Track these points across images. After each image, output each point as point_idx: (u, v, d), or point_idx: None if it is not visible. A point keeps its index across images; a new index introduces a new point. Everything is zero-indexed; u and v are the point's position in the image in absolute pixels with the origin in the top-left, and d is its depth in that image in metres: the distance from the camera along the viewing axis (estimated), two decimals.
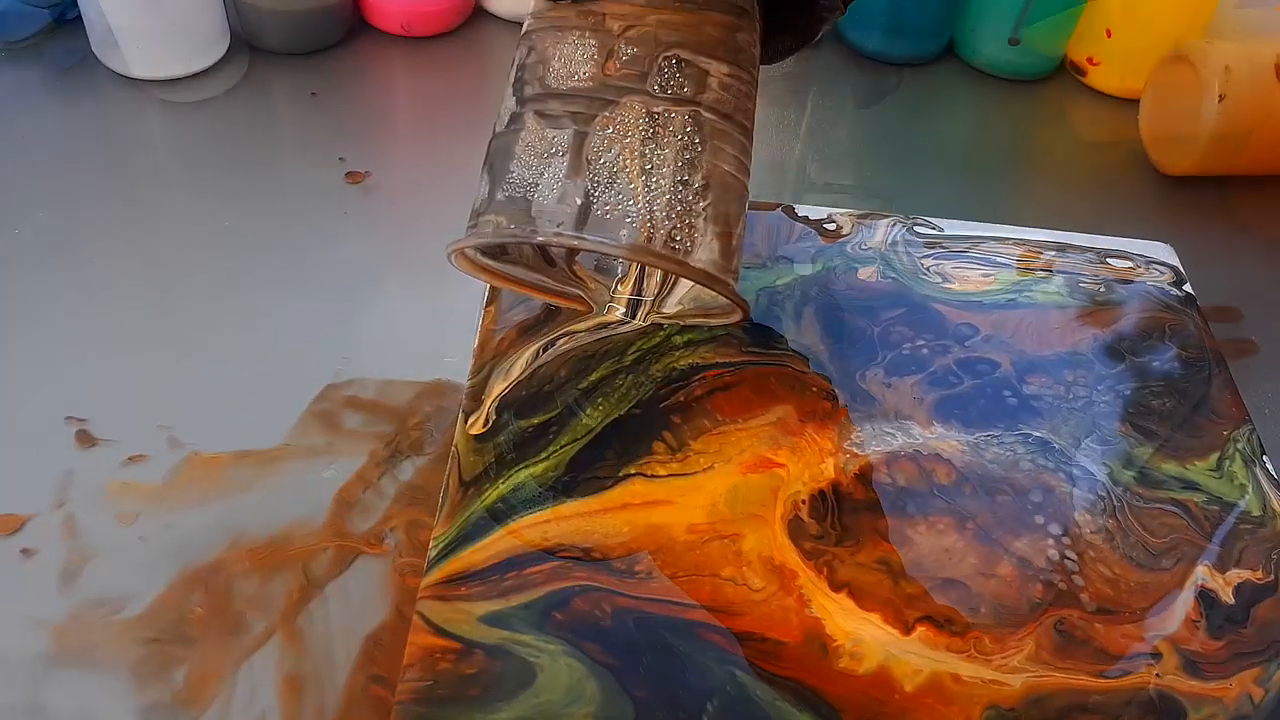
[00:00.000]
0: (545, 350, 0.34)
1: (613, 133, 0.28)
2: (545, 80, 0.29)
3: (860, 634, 0.28)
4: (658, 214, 0.28)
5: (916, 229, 0.40)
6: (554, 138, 0.28)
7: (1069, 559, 0.30)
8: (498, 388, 0.33)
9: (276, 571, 0.32)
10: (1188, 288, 0.39)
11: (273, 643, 0.30)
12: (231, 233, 0.42)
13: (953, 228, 0.40)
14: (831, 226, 0.40)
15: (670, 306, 0.36)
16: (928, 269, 0.38)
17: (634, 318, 0.36)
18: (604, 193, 0.28)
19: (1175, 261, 0.40)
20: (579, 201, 0.28)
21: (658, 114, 0.28)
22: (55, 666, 0.29)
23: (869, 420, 0.33)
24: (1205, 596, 0.30)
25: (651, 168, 0.28)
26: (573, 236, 0.27)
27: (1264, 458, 0.34)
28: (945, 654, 0.28)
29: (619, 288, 0.36)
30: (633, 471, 0.31)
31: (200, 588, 0.31)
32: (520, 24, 0.55)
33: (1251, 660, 0.29)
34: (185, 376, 0.37)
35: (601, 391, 0.33)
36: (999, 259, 0.39)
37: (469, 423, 0.32)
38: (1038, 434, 0.33)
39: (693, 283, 0.34)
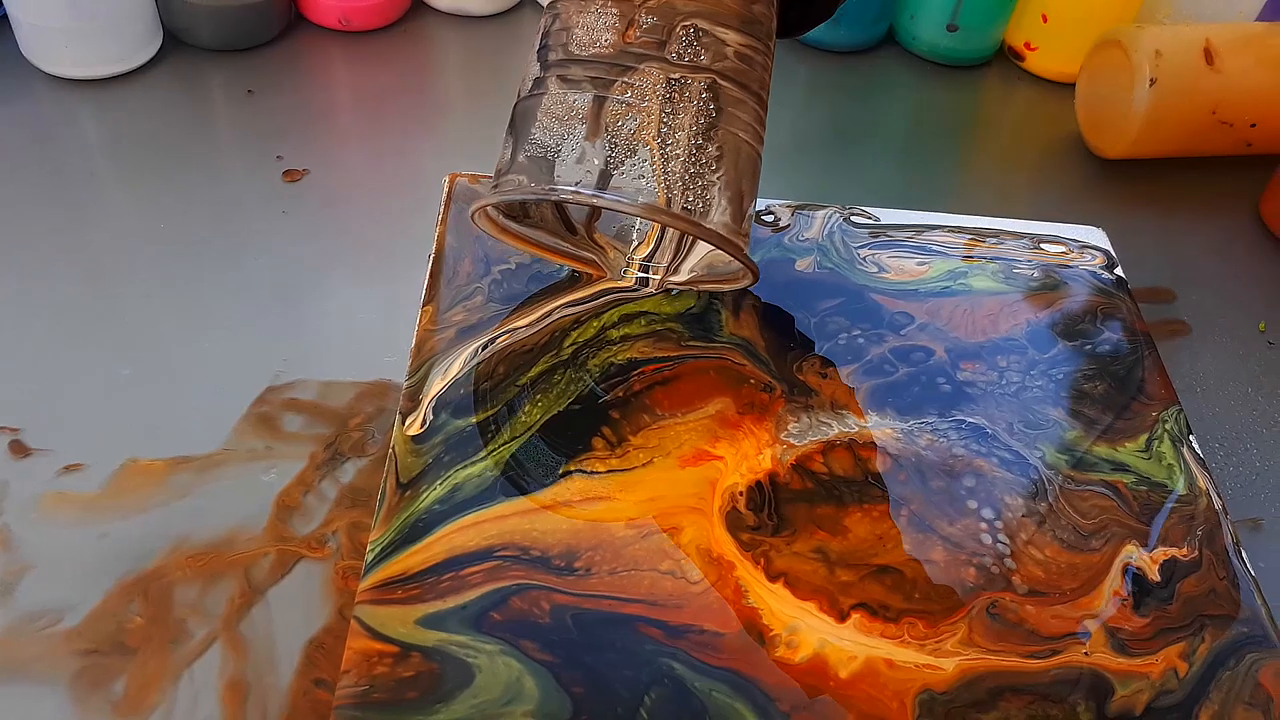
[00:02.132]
0: (484, 349, 0.34)
1: (631, 98, 0.29)
2: (568, 47, 0.30)
3: (796, 623, 0.28)
4: (673, 177, 0.29)
5: (853, 219, 0.40)
6: (575, 101, 0.29)
7: (1001, 543, 0.31)
8: (435, 387, 0.33)
9: (218, 577, 0.32)
10: (1119, 271, 0.40)
11: (214, 650, 0.30)
12: (167, 234, 0.42)
13: (889, 217, 0.41)
14: (770, 218, 0.40)
15: (683, 273, 0.37)
16: (864, 259, 0.39)
17: (648, 283, 0.37)
18: (622, 155, 0.29)
19: (1107, 245, 0.41)
20: (598, 163, 0.29)
21: (675, 80, 0.29)
22: None
23: (806, 410, 0.34)
24: (1133, 575, 0.31)
25: (669, 131, 0.29)
26: (591, 195, 0.29)
27: (1190, 437, 0.35)
28: (879, 640, 0.28)
29: (634, 254, 0.37)
30: (572, 469, 0.31)
31: (139, 596, 0.31)
32: (460, 16, 0.55)
33: (1177, 635, 0.30)
34: (121, 382, 0.36)
35: (540, 388, 0.33)
36: (934, 247, 0.40)
37: (406, 424, 0.32)
38: (971, 420, 0.34)
39: (708, 246, 0.35)
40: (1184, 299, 0.46)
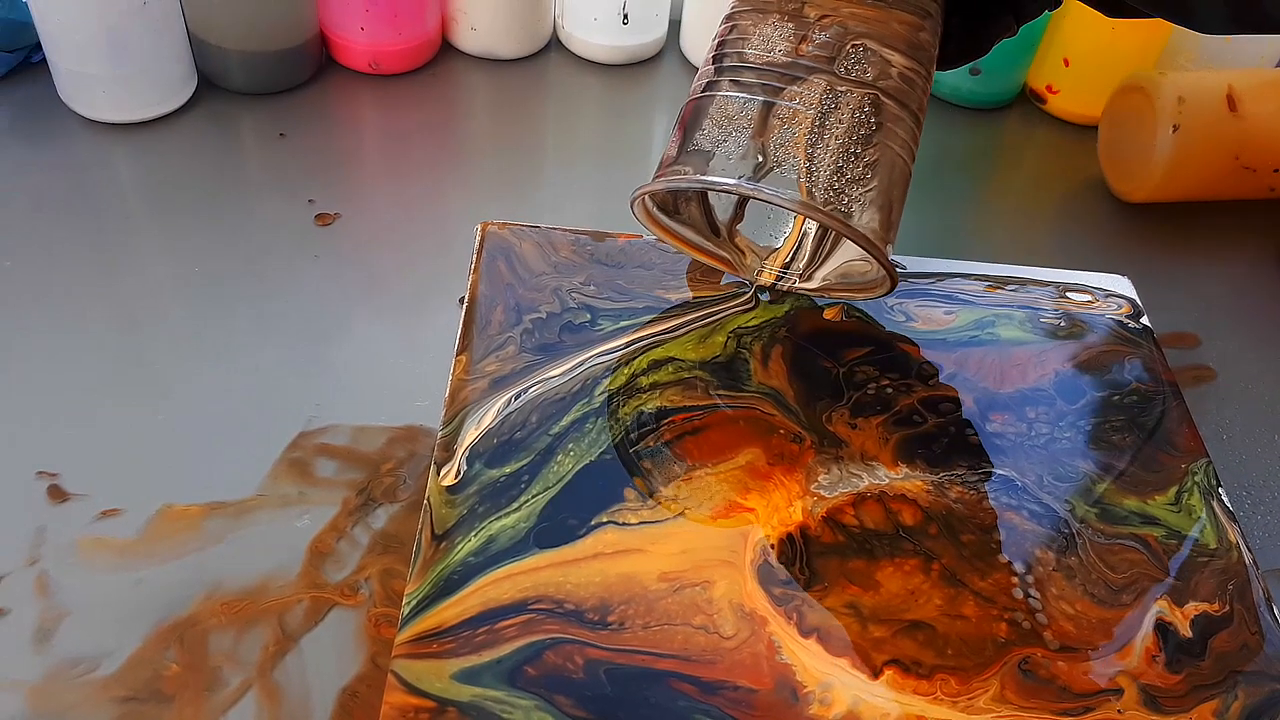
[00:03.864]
0: (516, 398, 0.34)
1: (799, 105, 0.31)
2: (743, 54, 0.32)
3: (829, 679, 0.28)
4: (829, 178, 0.31)
5: None
6: (745, 103, 0.32)
7: (1032, 597, 0.31)
8: (469, 437, 0.33)
9: (252, 625, 0.32)
10: (1145, 320, 0.40)
11: (249, 698, 0.30)
12: (201, 278, 0.42)
13: (915, 265, 0.41)
14: None
15: (816, 280, 0.39)
16: (891, 307, 0.39)
17: (779, 283, 0.39)
18: (783, 155, 0.31)
19: (1132, 294, 0.41)
20: (759, 159, 0.31)
21: (840, 92, 0.31)
22: None
23: (836, 462, 0.34)
24: (1164, 630, 0.31)
25: (830, 138, 0.31)
26: (750, 187, 0.31)
27: (1219, 490, 0.35)
28: (912, 697, 0.28)
29: (770, 260, 0.39)
30: (604, 520, 0.31)
31: (175, 643, 0.31)
32: (487, 60, 0.56)
33: (1210, 692, 0.30)
34: (157, 427, 0.37)
35: (572, 437, 0.34)
36: (961, 296, 0.40)
37: (441, 474, 0.32)
38: (1001, 472, 0.34)
39: (844, 255, 0.38)
40: (1209, 344, 0.46)
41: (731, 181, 0.31)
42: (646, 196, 0.36)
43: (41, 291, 0.41)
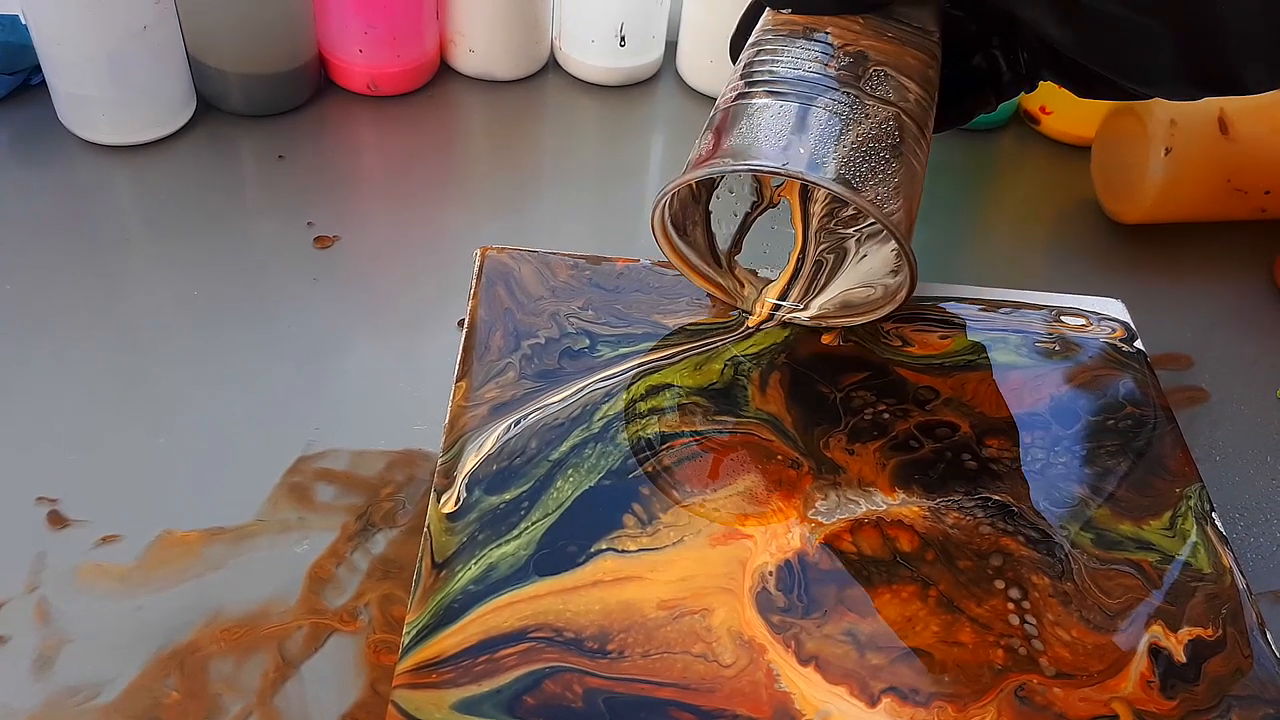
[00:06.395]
0: (516, 424, 0.34)
1: (831, 111, 0.33)
2: (774, 70, 0.34)
3: (828, 707, 0.29)
4: (861, 170, 0.32)
5: None
6: (781, 108, 0.33)
7: (1028, 623, 0.31)
8: (469, 464, 0.33)
9: (252, 651, 0.32)
10: (1138, 344, 0.41)
11: None
12: (200, 301, 0.42)
13: None
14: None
15: (813, 309, 0.40)
16: (888, 332, 0.39)
17: (775, 314, 0.40)
18: (818, 147, 0.32)
19: (1126, 317, 0.42)
20: (802, 152, 0.32)
21: (868, 105, 0.33)
22: None
23: (834, 488, 0.34)
24: (1158, 655, 0.31)
25: (860, 141, 0.33)
26: (793, 170, 0.32)
27: (1213, 514, 0.35)
28: None
29: (766, 291, 0.40)
30: (604, 547, 0.32)
31: (175, 670, 0.31)
32: (485, 81, 0.56)
33: (1204, 717, 0.30)
34: (157, 452, 0.37)
35: (571, 463, 0.34)
36: (956, 320, 0.40)
37: (441, 502, 0.32)
38: (997, 498, 0.34)
39: (843, 284, 0.39)
40: (1201, 365, 0.46)
41: (775, 165, 0.32)
42: (671, 199, 0.37)
43: (41, 315, 0.41)
